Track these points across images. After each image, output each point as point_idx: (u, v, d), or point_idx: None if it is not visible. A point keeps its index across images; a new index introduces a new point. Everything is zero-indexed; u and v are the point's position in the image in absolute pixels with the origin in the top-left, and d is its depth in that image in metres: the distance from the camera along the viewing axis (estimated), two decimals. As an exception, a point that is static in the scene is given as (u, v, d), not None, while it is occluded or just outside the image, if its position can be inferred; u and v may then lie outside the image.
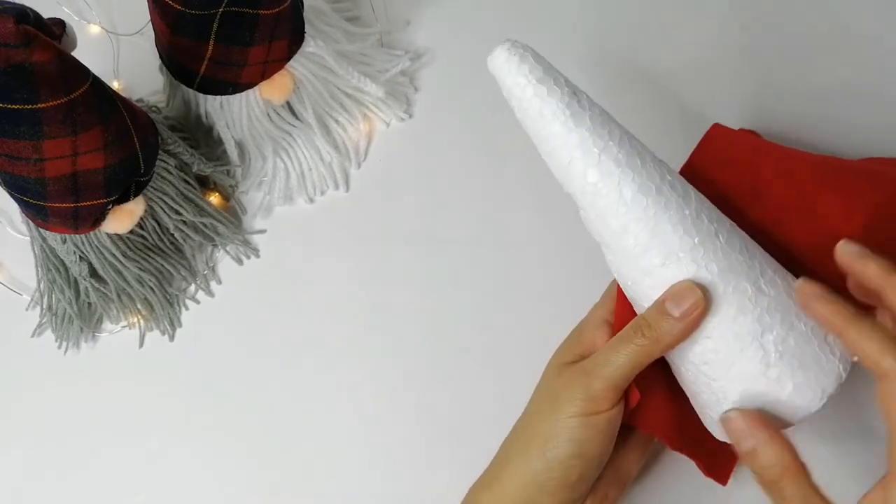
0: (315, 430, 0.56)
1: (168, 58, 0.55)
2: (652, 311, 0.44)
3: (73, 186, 0.48)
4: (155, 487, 0.55)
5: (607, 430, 0.45)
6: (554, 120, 0.43)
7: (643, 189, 0.43)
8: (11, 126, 0.44)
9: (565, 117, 0.43)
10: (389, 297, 0.58)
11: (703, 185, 0.47)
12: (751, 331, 0.42)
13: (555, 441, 0.44)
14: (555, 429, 0.45)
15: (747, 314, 0.42)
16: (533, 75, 0.43)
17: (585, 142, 0.43)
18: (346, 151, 0.60)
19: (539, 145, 0.45)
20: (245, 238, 0.59)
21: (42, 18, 0.43)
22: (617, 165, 0.43)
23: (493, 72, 0.44)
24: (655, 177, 0.43)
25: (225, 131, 0.57)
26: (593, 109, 0.43)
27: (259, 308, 0.58)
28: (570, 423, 0.44)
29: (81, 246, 0.53)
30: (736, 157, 0.50)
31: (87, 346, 0.58)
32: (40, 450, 0.56)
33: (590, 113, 0.43)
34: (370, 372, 0.56)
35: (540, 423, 0.46)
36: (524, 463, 0.45)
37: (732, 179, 0.49)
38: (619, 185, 0.43)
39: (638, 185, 0.43)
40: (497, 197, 0.59)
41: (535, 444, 0.45)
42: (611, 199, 0.43)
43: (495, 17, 0.63)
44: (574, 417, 0.44)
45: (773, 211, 0.48)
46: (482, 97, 0.61)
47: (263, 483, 0.55)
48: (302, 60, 0.56)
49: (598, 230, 0.44)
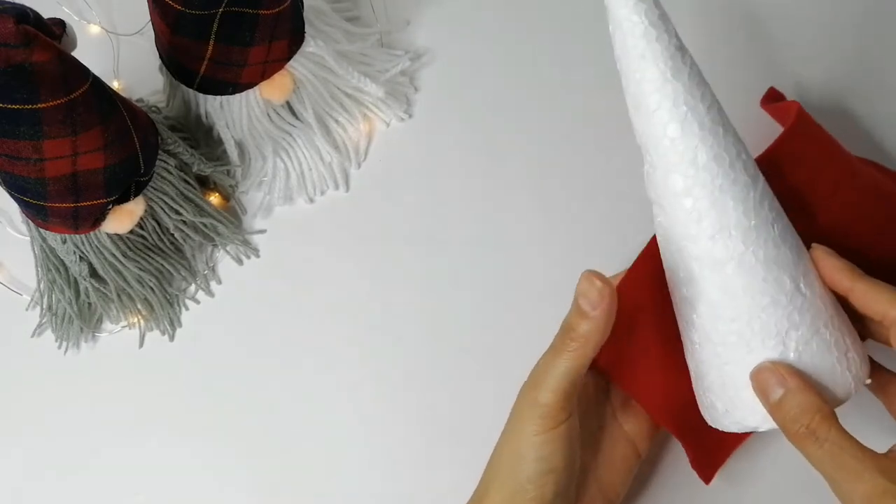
0: (315, 429, 0.56)
1: (168, 58, 0.55)
2: (572, 315, 0.45)
3: (73, 186, 0.48)
4: (155, 487, 0.55)
5: (569, 438, 0.45)
6: (654, 65, 0.43)
7: (718, 158, 0.43)
8: (11, 126, 0.44)
9: (666, 66, 0.43)
10: (389, 297, 0.58)
11: (774, 180, 0.47)
12: (778, 324, 0.42)
13: (522, 462, 0.45)
14: (520, 449, 0.45)
15: (780, 308, 0.42)
16: (647, 17, 0.43)
17: (679, 95, 0.43)
18: (346, 151, 0.60)
19: (629, 87, 0.44)
20: (245, 238, 0.59)
21: (42, 18, 0.43)
22: (700, 128, 0.43)
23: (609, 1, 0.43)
24: (732, 151, 0.43)
25: (225, 131, 0.57)
26: (693, 68, 0.43)
27: (259, 308, 0.58)
28: (533, 441, 0.44)
29: (81, 246, 0.53)
30: (811, 156, 0.50)
31: (87, 346, 0.58)
32: (40, 450, 0.56)
33: (689, 70, 0.43)
34: (370, 372, 0.56)
35: (507, 444, 0.46)
36: (500, 489, 0.46)
37: (804, 179, 0.50)
38: (696, 147, 0.43)
39: (714, 153, 0.43)
40: (497, 197, 0.59)
41: (506, 468, 0.46)
42: (685, 158, 0.43)
43: (495, 17, 0.63)
44: (536, 435, 0.44)
45: (835, 221, 0.49)
46: (482, 97, 0.62)
47: (263, 483, 0.55)
48: (302, 60, 0.56)
49: (660, 187, 0.44)
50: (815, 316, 0.43)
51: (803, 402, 0.41)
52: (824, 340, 0.43)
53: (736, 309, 0.43)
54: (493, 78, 0.62)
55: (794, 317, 0.42)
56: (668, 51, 0.43)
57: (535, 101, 0.61)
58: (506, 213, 0.59)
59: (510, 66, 0.62)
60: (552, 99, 0.61)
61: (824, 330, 0.43)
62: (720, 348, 0.43)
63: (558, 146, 0.60)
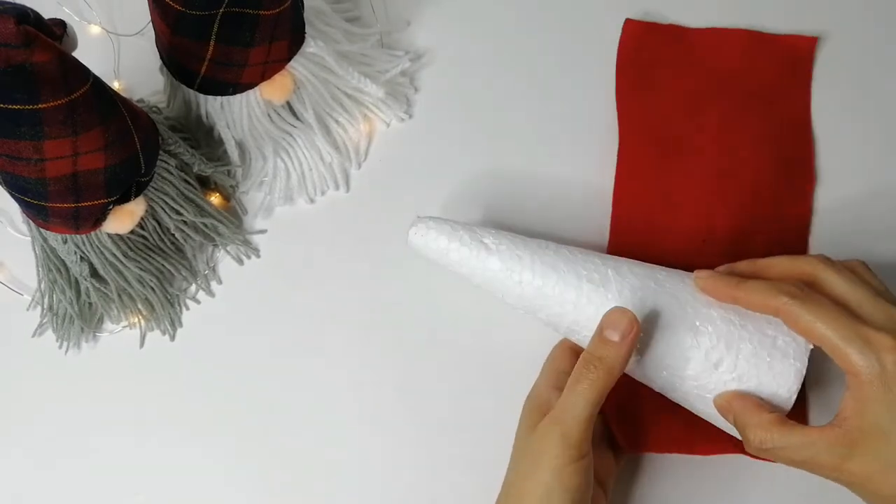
0: (315, 429, 0.56)
1: (168, 58, 0.55)
2: (595, 343, 0.47)
3: (73, 187, 0.48)
4: (155, 487, 0.55)
5: (591, 468, 0.47)
6: (470, 259, 0.52)
7: (565, 287, 0.50)
8: (12, 126, 0.44)
9: (481, 257, 0.52)
10: (389, 297, 0.58)
11: (648, 93, 0.59)
12: (704, 370, 0.48)
13: (551, 496, 0.45)
14: (549, 484, 0.45)
15: (696, 359, 0.48)
16: (441, 241, 0.52)
17: (501, 271, 0.51)
18: (347, 152, 0.60)
19: (473, 280, 0.52)
20: (245, 238, 0.59)
21: (42, 19, 0.43)
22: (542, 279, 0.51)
23: (416, 250, 0.53)
24: (572, 280, 0.50)
25: (225, 132, 0.57)
26: (500, 246, 0.52)
27: (259, 308, 0.58)
28: (562, 473, 0.45)
29: (82, 246, 0.53)
30: (666, 52, 0.60)
31: (88, 346, 0.58)
32: (41, 449, 0.56)
33: (497, 252, 0.51)
34: (370, 372, 0.56)
35: (528, 482, 0.46)
36: None
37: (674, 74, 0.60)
38: (555, 285, 0.51)
39: (561, 289, 0.50)
40: (497, 197, 0.59)
41: (533, 502, 0.46)
42: (560, 299, 0.50)
43: (495, 18, 0.63)
44: (565, 467, 0.45)
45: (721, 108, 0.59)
46: (482, 97, 0.62)
47: (264, 483, 0.55)
48: (302, 61, 0.56)
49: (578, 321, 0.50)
50: (728, 340, 0.47)
51: (741, 421, 0.46)
52: (749, 353, 0.47)
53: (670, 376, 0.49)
54: (493, 78, 0.62)
55: (712, 355, 0.47)
56: (472, 248, 0.51)
57: (535, 101, 0.61)
58: (507, 212, 0.59)
59: (510, 67, 0.62)
60: (552, 99, 0.61)
61: (743, 344, 0.47)
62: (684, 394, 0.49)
63: (558, 146, 0.60)
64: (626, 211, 0.58)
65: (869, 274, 0.48)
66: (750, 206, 0.57)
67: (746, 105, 0.59)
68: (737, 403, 0.47)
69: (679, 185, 0.58)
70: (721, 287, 0.48)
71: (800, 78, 0.60)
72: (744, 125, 0.59)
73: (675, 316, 0.48)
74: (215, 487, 0.55)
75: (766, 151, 0.58)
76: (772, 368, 0.47)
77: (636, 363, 0.49)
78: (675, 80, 0.60)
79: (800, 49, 0.60)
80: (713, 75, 0.60)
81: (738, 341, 0.47)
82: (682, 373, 0.48)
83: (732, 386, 0.47)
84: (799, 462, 0.45)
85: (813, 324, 0.45)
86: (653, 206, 0.57)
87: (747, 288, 0.47)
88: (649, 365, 0.49)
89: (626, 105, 0.59)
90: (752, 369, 0.47)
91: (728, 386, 0.47)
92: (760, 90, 0.60)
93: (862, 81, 0.60)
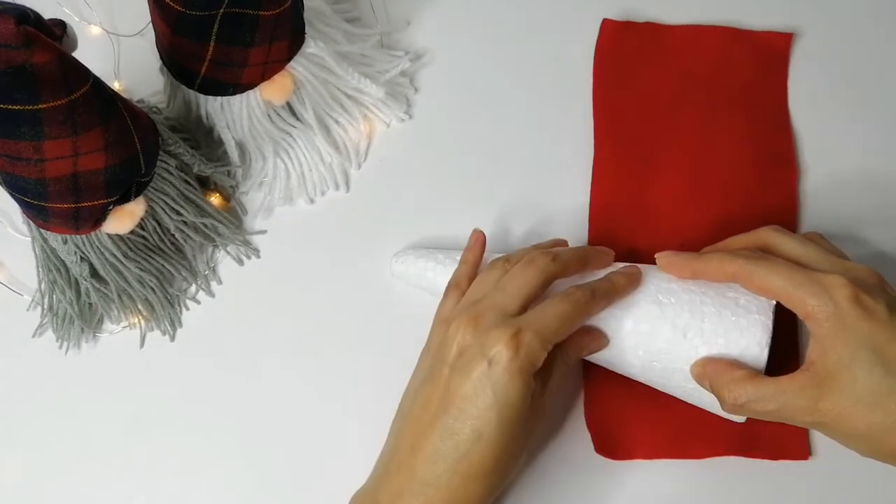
0: (315, 429, 0.56)
1: (169, 59, 0.55)
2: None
3: (73, 187, 0.48)
4: (155, 487, 0.55)
5: None
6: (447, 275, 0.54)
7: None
8: (12, 127, 0.44)
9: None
10: (389, 297, 0.58)
11: (625, 92, 0.60)
12: (674, 339, 0.49)
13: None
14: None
15: (664, 330, 0.49)
16: (416, 266, 0.56)
17: None
18: (347, 152, 0.60)
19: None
20: (245, 238, 0.59)
21: (42, 19, 0.43)
22: None
23: (398, 277, 0.57)
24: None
25: (225, 132, 0.57)
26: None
27: (259, 308, 0.58)
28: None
29: (82, 246, 0.53)
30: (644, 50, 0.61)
31: (88, 346, 0.58)
32: (41, 450, 0.56)
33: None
34: (371, 372, 0.56)
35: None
36: None
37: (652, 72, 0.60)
38: None
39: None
40: (497, 197, 0.59)
41: None
42: None
43: (495, 18, 0.63)
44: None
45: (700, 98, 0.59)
46: (482, 97, 0.62)
47: (264, 483, 0.55)
48: (302, 61, 0.56)
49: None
50: (690, 306, 0.49)
51: (716, 383, 0.47)
52: (712, 314, 0.48)
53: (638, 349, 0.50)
54: (492, 78, 0.62)
55: (678, 322, 0.49)
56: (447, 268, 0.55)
57: (535, 101, 0.61)
58: (505, 213, 0.59)
59: (510, 67, 0.62)
60: (552, 99, 0.61)
61: (705, 307, 0.49)
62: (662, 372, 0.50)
63: (558, 146, 0.60)
64: (603, 213, 0.58)
65: (823, 240, 0.51)
66: (732, 203, 0.57)
67: (724, 102, 0.60)
68: (710, 367, 0.48)
69: (656, 185, 0.58)
70: (680, 262, 0.50)
71: (776, 73, 0.61)
72: (722, 122, 0.59)
73: (638, 293, 0.50)
74: (215, 487, 0.55)
75: (746, 147, 0.59)
76: (738, 326, 0.48)
77: (610, 350, 0.50)
78: (653, 79, 0.60)
79: (776, 45, 0.61)
80: (690, 73, 0.60)
81: (700, 306, 0.49)
82: (655, 347, 0.49)
83: (703, 351, 0.48)
84: (774, 412, 0.45)
85: (766, 277, 0.46)
86: (630, 207, 0.58)
87: (705, 259, 0.49)
88: (623, 347, 0.50)
89: (602, 106, 0.60)
90: (720, 329, 0.48)
91: (699, 352, 0.48)
92: (738, 86, 0.60)
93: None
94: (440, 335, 0.49)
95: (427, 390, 0.48)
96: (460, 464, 0.45)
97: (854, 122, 0.60)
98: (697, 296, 0.49)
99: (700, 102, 0.59)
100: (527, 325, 0.46)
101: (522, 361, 0.45)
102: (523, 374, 0.45)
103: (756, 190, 0.58)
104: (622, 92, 0.60)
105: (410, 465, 0.47)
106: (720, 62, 0.60)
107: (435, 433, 0.46)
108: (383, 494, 0.47)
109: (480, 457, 0.45)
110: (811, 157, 0.59)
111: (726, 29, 0.61)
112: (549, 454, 0.54)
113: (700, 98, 0.60)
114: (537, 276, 0.49)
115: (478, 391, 0.45)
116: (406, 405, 0.50)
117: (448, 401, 0.46)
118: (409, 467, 0.47)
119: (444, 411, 0.46)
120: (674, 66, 0.61)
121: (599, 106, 0.60)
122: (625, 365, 0.51)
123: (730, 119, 0.59)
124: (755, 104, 0.60)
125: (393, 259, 0.57)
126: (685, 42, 0.61)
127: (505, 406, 0.45)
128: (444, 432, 0.46)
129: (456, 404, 0.46)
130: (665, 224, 0.57)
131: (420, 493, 0.46)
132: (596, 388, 0.55)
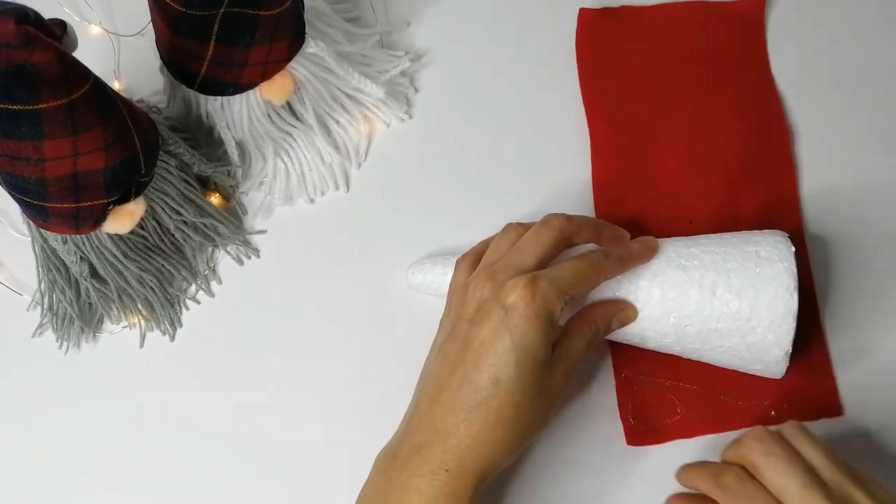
0: (315, 429, 0.56)
1: (169, 58, 0.55)
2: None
3: (73, 187, 0.48)
4: (155, 487, 0.55)
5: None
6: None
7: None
8: (12, 126, 0.44)
9: None
10: (390, 297, 0.58)
11: (611, 80, 0.60)
12: (704, 300, 0.50)
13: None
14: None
15: (693, 292, 0.50)
16: (434, 272, 0.56)
17: None
18: (347, 152, 0.61)
19: None
20: (245, 238, 0.59)
21: (43, 19, 0.43)
22: None
23: (416, 288, 0.57)
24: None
25: (225, 132, 0.57)
26: None
27: (259, 308, 0.58)
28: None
29: (82, 246, 0.53)
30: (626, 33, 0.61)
31: (88, 346, 0.58)
32: (40, 450, 0.56)
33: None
34: (371, 372, 0.56)
35: None
36: None
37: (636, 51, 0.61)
38: None
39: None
40: (497, 197, 0.59)
41: None
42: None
43: (495, 18, 0.63)
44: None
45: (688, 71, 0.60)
46: (482, 97, 0.62)
47: (264, 483, 0.55)
48: (302, 61, 0.56)
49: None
50: (715, 265, 0.50)
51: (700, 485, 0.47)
52: (736, 269, 0.50)
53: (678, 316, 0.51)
54: (492, 78, 0.62)
55: (705, 281, 0.50)
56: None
57: (535, 101, 0.61)
58: (506, 213, 0.59)
59: (510, 66, 0.62)
60: (551, 97, 0.61)
61: (728, 265, 0.50)
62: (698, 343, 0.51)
63: (558, 143, 0.60)
64: (606, 197, 0.58)
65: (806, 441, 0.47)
66: (731, 174, 0.58)
67: (708, 74, 0.60)
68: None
69: (656, 162, 0.59)
70: (686, 481, 0.49)
71: (754, 40, 0.61)
72: (709, 93, 0.60)
73: (661, 261, 0.51)
74: (216, 487, 0.55)
75: (737, 117, 0.59)
76: (763, 276, 0.49)
77: (641, 322, 0.51)
78: (636, 60, 0.61)
79: (750, 12, 0.62)
80: (671, 49, 0.61)
81: (723, 263, 0.50)
82: (686, 310, 0.50)
83: (734, 306, 0.49)
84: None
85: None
86: (632, 187, 0.58)
87: (693, 472, 0.48)
88: (655, 316, 0.50)
89: (591, 94, 0.60)
90: (747, 282, 0.49)
91: (731, 307, 0.49)
92: (719, 57, 0.61)
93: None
94: (459, 297, 0.50)
95: (447, 346, 0.48)
96: (478, 412, 0.45)
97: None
98: (719, 255, 0.50)
99: (685, 77, 0.60)
100: (542, 275, 0.47)
101: (539, 307, 0.46)
102: (540, 319, 0.46)
103: (753, 156, 0.58)
104: (608, 77, 0.61)
105: (430, 417, 0.47)
106: (698, 36, 0.61)
107: (454, 383, 0.46)
108: (404, 449, 0.47)
109: (499, 404, 0.45)
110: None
111: (700, 3, 0.62)
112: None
113: (684, 73, 0.60)
114: (552, 234, 0.49)
115: (495, 337, 0.46)
116: (427, 365, 0.50)
117: (466, 352, 0.47)
118: (428, 420, 0.47)
119: (462, 361, 0.46)
120: (655, 45, 0.61)
121: (588, 94, 0.60)
122: (658, 335, 0.51)
123: (716, 90, 0.60)
124: (739, 73, 0.60)
125: (409, 270, 0.57)
126: (661, 21, 0.62)
127: (522, 351, 0.45)
128: (463, 381, 0.46)
129: (473, 353, 0.46)
130: (670, 199, 0.58)
131: (438, 443, 0.46)
132: (625, 381, 0.55)
